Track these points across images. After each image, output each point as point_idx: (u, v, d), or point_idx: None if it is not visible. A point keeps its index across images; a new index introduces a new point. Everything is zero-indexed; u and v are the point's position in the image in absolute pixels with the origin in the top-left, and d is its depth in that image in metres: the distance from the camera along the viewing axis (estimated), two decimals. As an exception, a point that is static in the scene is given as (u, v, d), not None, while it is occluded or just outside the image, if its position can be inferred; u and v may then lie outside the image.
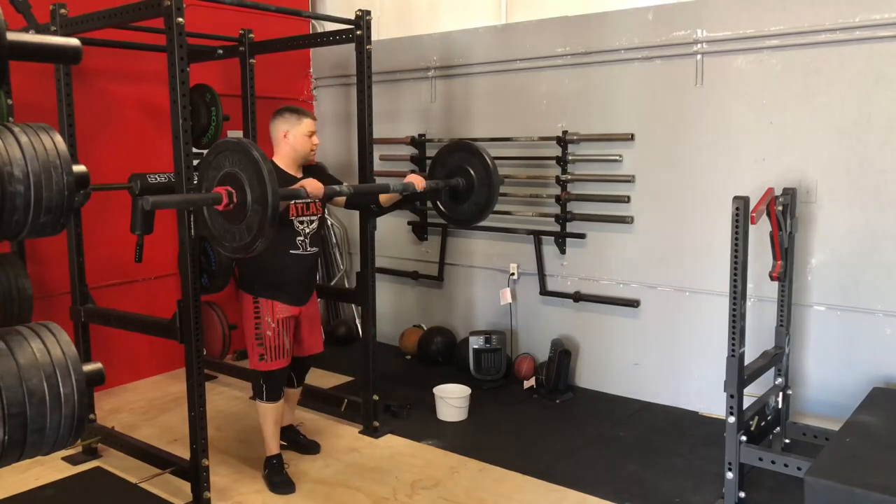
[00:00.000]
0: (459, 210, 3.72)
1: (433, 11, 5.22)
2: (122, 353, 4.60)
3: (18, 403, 1.34)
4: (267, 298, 3.26)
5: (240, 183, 2.68)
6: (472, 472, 3.48)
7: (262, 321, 3.26)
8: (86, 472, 3.51)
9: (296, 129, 3.27)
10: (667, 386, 4.30)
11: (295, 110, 3.32)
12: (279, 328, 3.27)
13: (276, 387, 3.36)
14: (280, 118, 3.30)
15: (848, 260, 3.67)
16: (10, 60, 1.40)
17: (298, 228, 3.27)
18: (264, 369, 3.30)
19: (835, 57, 3.61)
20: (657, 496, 3.25)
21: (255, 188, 2.65)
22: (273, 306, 3.26)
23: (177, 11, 2.89)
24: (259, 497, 3.29)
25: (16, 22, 3.53)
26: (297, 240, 3.27)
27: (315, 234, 3.35)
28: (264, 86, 4.79)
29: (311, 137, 3.30)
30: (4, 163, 1.36)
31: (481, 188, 3.62)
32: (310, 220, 3.32)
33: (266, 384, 3.33)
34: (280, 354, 3.29)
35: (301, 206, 3.27)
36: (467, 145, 3.70)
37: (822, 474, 2.48)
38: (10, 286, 3.39)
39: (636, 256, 4.34)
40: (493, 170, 3.60)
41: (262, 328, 3.25)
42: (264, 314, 3.26)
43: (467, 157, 3.65)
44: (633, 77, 4.26)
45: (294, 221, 3.25)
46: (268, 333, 3.26)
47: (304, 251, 3.30)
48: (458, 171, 3.67)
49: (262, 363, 3.28)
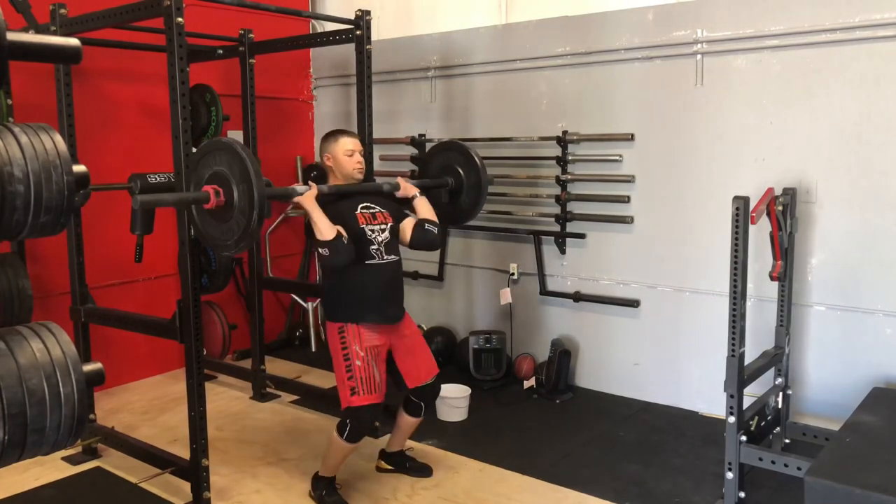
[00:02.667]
0: (449, 208, 3.65)
1: (433, 11, 5.22)
2: (122, 353, 4.60)
3: (18, 403, 1.34)
4: (352, 323, 3.03)
5: (227, 181, 2.67)
6: (472, 472, 3.48)
7: (350, 349, 3.01)
8: (86, 472, 3.51)
9: (334, 149, 3.17)
10: (667, 386, 4.30)
11: (333, 132, 3.22)
12: (368, 356, 3.01)
13: (361, 429, 3.06)
14: (322, 143, 3.23)
15: (848, 260, 3.67)
16: (10, 60, 1.40)
17: (370, 237, 3.07)
18: (357, 405, 3.00)
19: (835, 57, 3.61)
20: (657, 496, 3.25)
21: (241, 185, 2.64)
22: (360, 333, 3.03)
23: (176, 11, 2.89)
24: (259, 497, 3.29)
25: (16, 22, 3.53)
26: (371, 249, 3.06)
27: (389, 242, 3.13)
28: (264, 86, 4.80)
29: (352, 156, 3.16)
30: (4, 163, 1.36)
31: (469, 188, 3.57)
32: (381, 229, 3.11)
33: (352, 423, 3.03)
34: (372, 388, 3.00)
35: (368, 216, 3.10)
36: (456, 145, 3.66)
37: (822, 474, 2.48)
38: (10, 286, 3.39)
39: (636, 256, 4.34)
40: (480, 168, 3.54)
41: (350, 357, 3.01)
42: (351, 342, 3.02)
43: (455, 157, 3.61)
44: (633, 77, 4.26)
45: (365, 230, 3.06)
46: (357, 363, 3.00)
47: (380, 260, 3.08)
48: (447, 170, 3.63)
49: (355, 398, 2.99)
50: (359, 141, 3.25)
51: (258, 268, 4.57)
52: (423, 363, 3.23)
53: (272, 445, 3.82)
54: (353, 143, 3.19)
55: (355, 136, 3.25)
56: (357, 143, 3.21)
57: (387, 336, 3.12)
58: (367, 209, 3.13)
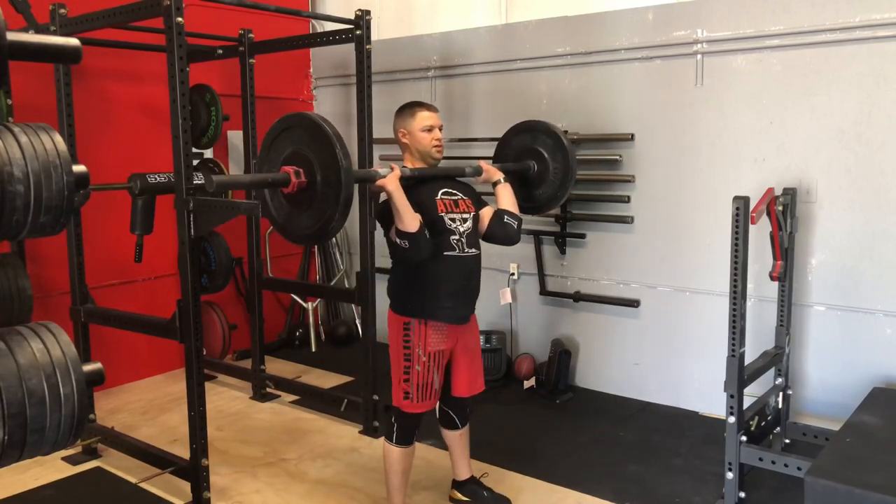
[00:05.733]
0: (535, 196, 3.36)
1: (433, 11, 5.22)
2: (122, 353, 4.60)
3: (18, 403, 1.34)
4: (421, 319, 2.78)
5: (307, 162, 2.37)
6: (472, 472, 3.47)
7: (413, 352, 2.78)
8: (86, 472, 3.51)
9: (410, 124, 2.85)
10: (667, 386, 4.30)
11: (410, 104, 2.90)
12: (430, 363, 2.80)
13: (409, 430, 2.88)
14: (396, 118, 2.90)
15: (848, 260, 3.67)
16: (10, 60, 1.40)
17: (451, 226, 2.79)
18: (407, 410, 2.83)
19: (835, 57, 3.61)
20: (657, 496, 3.25)
21: (325, 166, 2.34)
22: (426, 335, 2.79)
23: (176, 11, 2.89)
24: (259, 497, 3.28)
25: (16, 22, 3.53)
26: (452, 239, 2.78)
27: (471, 233, 2.85)
28: (264, 86, 4.79)
29: (431, 132, 2.84)
30: (4, 163, 1.36)
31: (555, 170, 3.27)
32: (462, 218, 2.83)
33: (398, 424, 2.86)
34: (427, 395, 2.82)
35: (449, 203, 2.83)
36: (533, 124, 3.36)
37: (822, 474, 2.47)
38: (10, 286, 3.39)
39: (636, 256, 4.34)
40: (568, 148, 3.22)
41: (411, 359, 2.78)
42: (415, 343, 2.78)
43: (534, 138, 3.33)
44: (633, 77, 4.26)
45: (445, 218, 2.78)
46: (416, 368, 2.78)
47: (460, 252, 2.80)
48: (527, 153, 3.31)
49: (407, 402, 2.82)
50: (437, 115, 2.90)
51: (258, 268, 4.57)
52: (476, 377, 2.99)
53: (272, 445, 3.82)
54: (432, 117, 2.86)
55: (435, 109, 2.91)
56: (436, 118, 2.88)
57: (454, 339, 2.88)
58: (449, 195, 2.85)
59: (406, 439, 2.88)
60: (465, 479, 3.17)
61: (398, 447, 2.88)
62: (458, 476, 3.19)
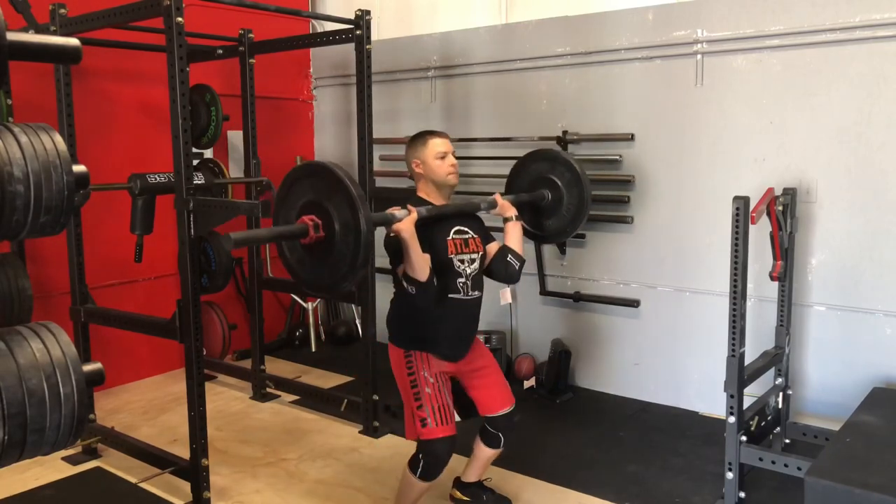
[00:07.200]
0: (544, 226, 3.37)
1: (433, 11, 5.22)
2: (122, 353, 4.60)
3: (18, 403, 1.34)
4: (420, 351, 2.77)
5: (327, 214, 2.35)
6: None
7: (418, 375, 2.74)
8: (86, 472, 3.51)
9: (423, 154, 2.80)
10: (667, 386, 4.30)
11: (420, 134, 2.87)
12: (438, 382, 2.75)
13: (436, 464, 2.73)
14: (408, 149, 2.86)
15: (848, 260, 3.67)
16: (10, 60, 1.40)
17: (459, 268, 2.76)
18: (428, 437, 2.70)
19: (835, 57, 3.61)
20: (657, 496, 3.25)
21: (345, 225, 2.32)
22: (428, 359, 2.77)
23: (176, 11, 2.89)
24: (259, 497, 3.28)
25: (16, 22, 3.53)
26: (458, 282, 2.75)
27: (477, 275, 2.83)
28: (264, 86, 4.80)
29: (445, 159, 2.79)
30: (4, 163, 1.36)
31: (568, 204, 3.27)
32: (471, 259, 2.80)
33: (425, 459, 2.71)
34: (445, 417, 2.71)
35: (460, 243, 2.79)
36: (553, 154, 3.37)
37: (822, 474, 2.47)
38: (10, 286, 3.38)
39: (636, 256, 4.34)
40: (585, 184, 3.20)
41: (419, 384, 2.73)
42: (419, 367, 2.75)
43: (553, 167, 3.31)
44: (633, 77, 4.26)
45: (454, 260, 2.75)
46: (426, 390, 2.72)
47: (464, 295, 2.77)
48: (542, 181, 3.30)
49: (426, 430, 2.70)
50: (448, 140, 2.86)
51: (258, 268, 4.57)
52: (498, 392, 2.93)
53: (272, 445, 3.82)
54: (444, 144, 2.82)
55: (445, 135, 2.87)
56: (448, 144, 2.84)
57: (456, 365, 2.86)
58: (460, 234, 2.82)
59: (431, 476, 2.75)
60: (470, 481, 3.17)
61: (421, 482, 2.76)
62: (466, 478, 3.17)
